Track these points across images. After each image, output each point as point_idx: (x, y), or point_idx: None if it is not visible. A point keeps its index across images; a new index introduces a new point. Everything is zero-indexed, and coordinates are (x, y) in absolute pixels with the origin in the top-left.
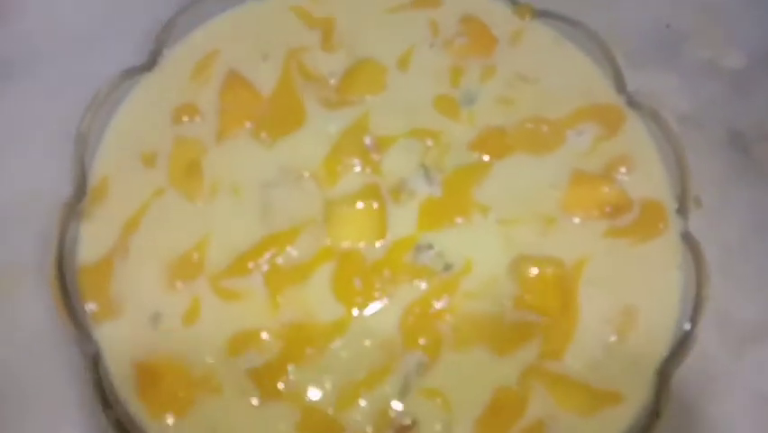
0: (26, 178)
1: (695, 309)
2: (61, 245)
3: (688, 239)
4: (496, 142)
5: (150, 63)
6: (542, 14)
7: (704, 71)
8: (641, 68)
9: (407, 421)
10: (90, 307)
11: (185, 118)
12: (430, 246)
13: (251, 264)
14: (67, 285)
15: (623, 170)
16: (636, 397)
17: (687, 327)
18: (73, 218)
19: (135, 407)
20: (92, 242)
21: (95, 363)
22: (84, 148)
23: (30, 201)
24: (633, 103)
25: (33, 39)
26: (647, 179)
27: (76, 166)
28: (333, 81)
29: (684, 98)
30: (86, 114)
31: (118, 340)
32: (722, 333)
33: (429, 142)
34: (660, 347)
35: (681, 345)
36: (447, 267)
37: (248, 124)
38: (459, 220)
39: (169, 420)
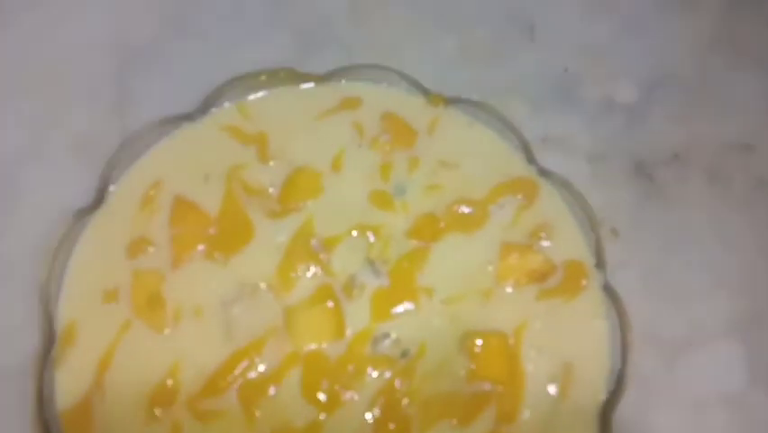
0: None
1: (623, 353)
2: (40, 398)
3: (608, 290)
4: (429, 227)
5: (97, 202)
6: (453, 101)
7: (602, 108)
8: (546, 112)
9: None
10: None
11: (139, 251)
12: (387, 335)
13: (223, 383)
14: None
15: (543, 235)
16: None
17: (617, 369)
18: (47, 368)
19: None
20: (68, 387)
21: None
22: (47, 298)
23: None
24: (543, 172)
25: None
26: (566, 241)
27: (41, 316)
28: (273, 191)
29: (588, 136)
30: (45, 261)
31: None
32: (652, 349)
33: (371, 237)
34: (599, 392)
35: (616, 387)
36: (404, 353)
37: (200, 247)
38: (408, 306)
39: None
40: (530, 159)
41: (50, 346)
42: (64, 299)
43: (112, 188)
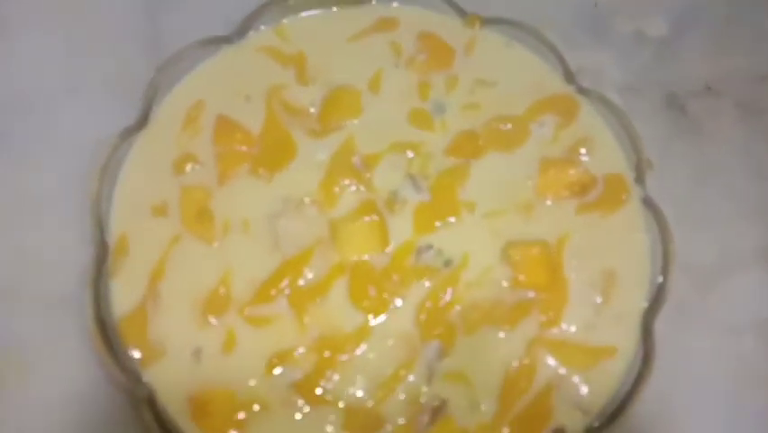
0: (44, 248)
1: (664, 264)
2: (97, 303)
3: (648, 203)
4: (469, 144)
5: (141, 123)
6: (490, 22)
7: (633, 42)
8: (579, 48)
9: (437, 403)
10: (135, 354)
11: (186, 168)
12: (429, 247)
13: (273, 291)
14: (108, 337)
15: (583, 151)
16: (627, 347)
17: (660, 279)
18: (101, 277)
19: None
20: (123, 295)
21: (150, 403)
22: (99, 209)
23: (57, 270)
24: (582, 90)
25: (7, 115)
26: (605, 156)
27: (95, 228)
28: (313, 111)
29: (620, 70)
30: (95, 177)
31: (166, 379)
32: (688, 277)
33: (411, 153)
34: (640, 301)
35: (658, 295)
36: (447, 263)
37: (245, 164)
38: (450, 219)
39: None
40: (568, 78)
41: (104, 259)
42: (115, 213)
43: (155, 108)
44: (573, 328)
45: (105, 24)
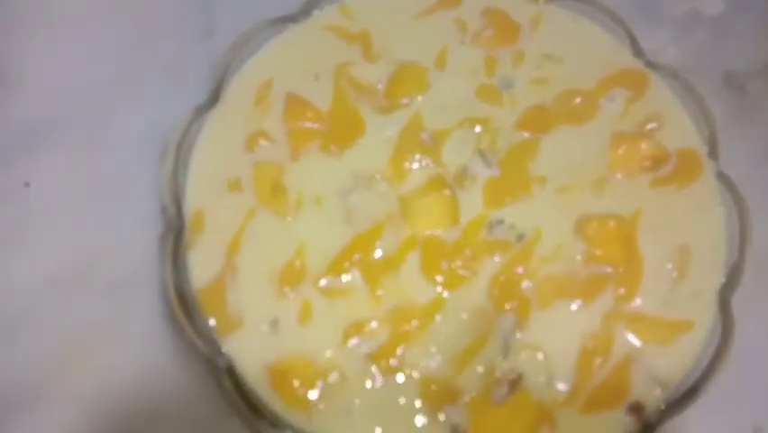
0: (116, 232)
1: (741, 239)
2: (176, 275)
3: (722, 178)
4: (539, 118)
5: (212, 99)
6: None
7: (689, 22)
8: (634, 27)
9: (514, 376)
10: (213, 324)
11: (258, 144)
12: (501, 221)
13: (346, 264)
14: (188, 309)
15: (655, 125)
16: (705, 322)
17: (735, 255)
18: (179, 250)
19: (276, 405)
20: (201, 268)
21: (229, 373)
22: (175, 186)
23: (126, 253)
24: (651, 64)
25: (73, 103)
26: (677, 130)
27: (171, 203)
28: (381, 87)
29: (677, 50)
30: (169, 153)
31: (245, 349)
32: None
33: (479, 129)
34: (717, 276)
35: (735, 270)
36: (520, 237)
37: (316, 140)
38: (521, 194)
39: (309, 411)
40: (637, 52)
41: (179, 233)
42: (190, 188)
43: (225, 86)
44: (649, 303)
45: (160, 12)
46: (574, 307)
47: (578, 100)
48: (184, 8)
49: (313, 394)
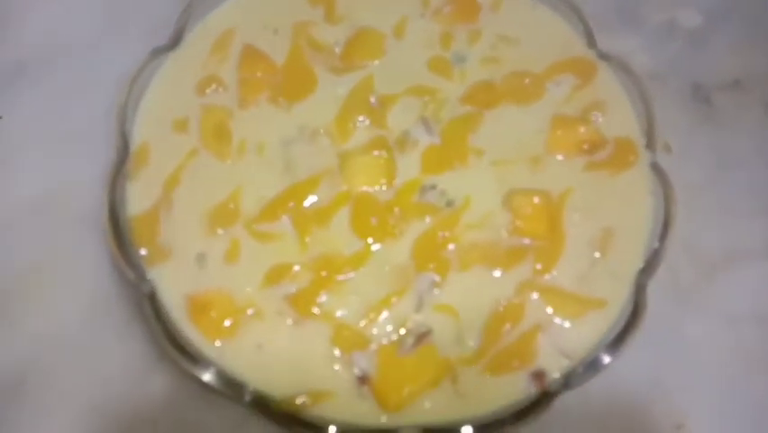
0: (74, 155)
1: (664, 228)
2: (113, 202)
3: (656, 169)
4: (485, 95)
5: (173, 43)
6: None
7: (665, 31)
8: (609, 31)
9: (423, 330)
10: (143, 252)
11: (209, 89)
12: (433, 187)
13: (279, 210)
14: (121, 236)
15: (597, 113)
16: (617, 302)
17: (657, 243)
18: (119, 180)
19: (190, 332)
20: (139, 198)
21: (151, 299)
22: (123, 119)
23: (84, 177)
24: (602, 56)
25: (52, 46)
26: (618, 120)
27: (118, 135)
28: (337, 50)
29: (649, 57)
30: (123, 88)
31: (169, 279)
32: (692, 261)
33: (427, 99)
34: (636, 261)
35: (654, 258)
36: (449, 203)
37: (266, 92)
38: (457, 163)
39: (220, 341)
40: (591, 43)
41: (123, 162)
42: (139, 122)
43: (187, 32)
44: (566, 278)
45: None
46: (492, 273)
47: (526, 81)
48: None
49: (227, 323)
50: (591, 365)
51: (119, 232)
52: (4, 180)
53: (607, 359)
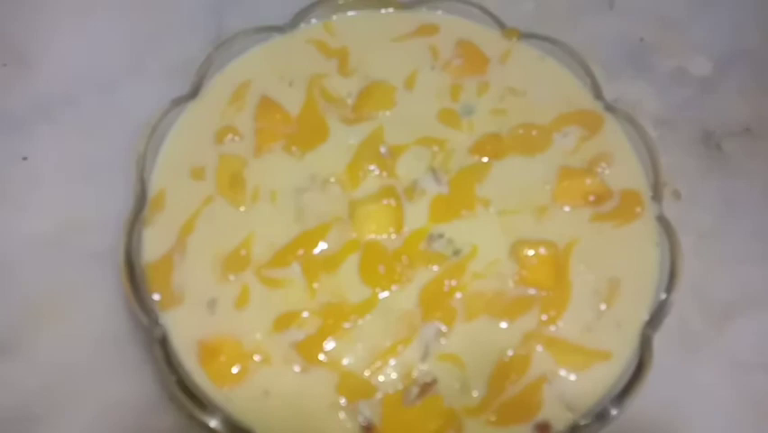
0: (91, 193)
1: (670, 279)
2: (129, 248)
3: (662, 221)
4: (493, 145)
5: (192, 93)
6: (527, 36)
7: (675, 78)
8: (619, 78)
9: (429, 380)
10: (156, 297)
11: (226, 138)
12: (441, 235)
13: (289, 257)
14: (136, 279)
15: (603, 165)
16: (623, 355)
17: (663, 295)
18: (137, 225)
19: (199, 377)
20: (154, 243)
21: (162, 343)
22: (143, 166)
23: (101, 216)
24: (609, 108)
25: (77, 87)
26: (625, 172)
27: (136, 182)
28: (350, 101)
29: (659, 104)
30: (143, 137)
31: (181, 323)
32: (701, 309)
33: (435, 149)
34: (642, 313)
35: (660, 310)
36: (456, 252)
37: (281, 141)
38: (464, 213)
39: (228, 387)
40: (598, 95)
41: (141, 208)
42: (157, 170)
43: (206, 82)
44: (572, 329)
45: (172, 13)
46: (499, 324)
47: (533, 132)
48: (196, 12)
49: (235, 369)
50: (597, 418)
51: (134, 277)
52: (21, 215)
53: (613, 411)
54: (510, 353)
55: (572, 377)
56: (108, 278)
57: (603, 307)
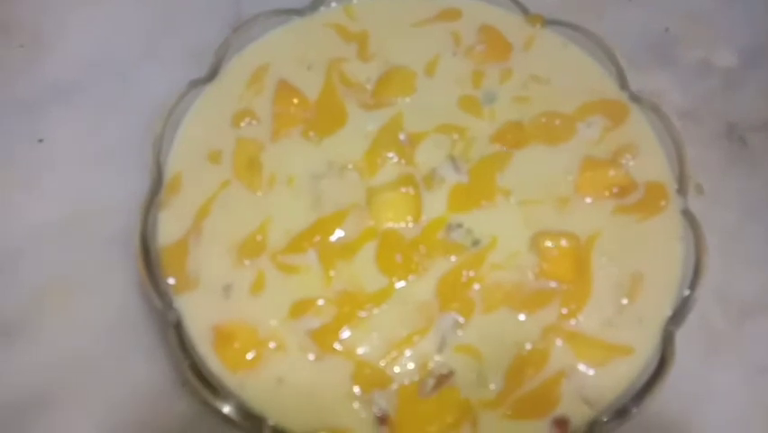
0: (107, 177)
1: (695, 275)
2: (144, 230)
3: (687, 215)
4: (515, 134)
5: (210, 75)
6: (551, 22)
7: (699, 70)
8: (642, 69)
9: (445, 371)
10: (171, 281)
11: (244, 122)
12: (460, 225)
13: (305, 243)
14: (151, 263)
15: (628, 156)
16: (644, 350)
17: (687, 291)
18: (153, 208)
19: (213, 363)
20: (170, 227)
21: (177, 327)
22: (159, 149)
23: (116, 199)
24: (634, 98)
25: (92, 70)
26: (650, 163)
27: (153, 164)
28: (369, 86)
29: (683, 95)
30: (160, 119)
31: (196, 308)
32: (722, 308)
33: (456, 137)
34: (664, 308)
35: (683, 306)
36: (475, 243)
37: (298, 126)
38: (484, 203)
39: (242, 373)
40: (623, 84)
41: (157, 191)
42: (174, 152)
43: (224, 65)
44: (593, 323)
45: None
46: (518, 316)
47: (556, 121)
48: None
49: (250, 356)
50: (617, 414)
51: (149, 260)
52: (37, 198)
53: (633, 409)
54: (529, 346)
55: (592, 372)
56: (123, 261)
57: (625, 301)
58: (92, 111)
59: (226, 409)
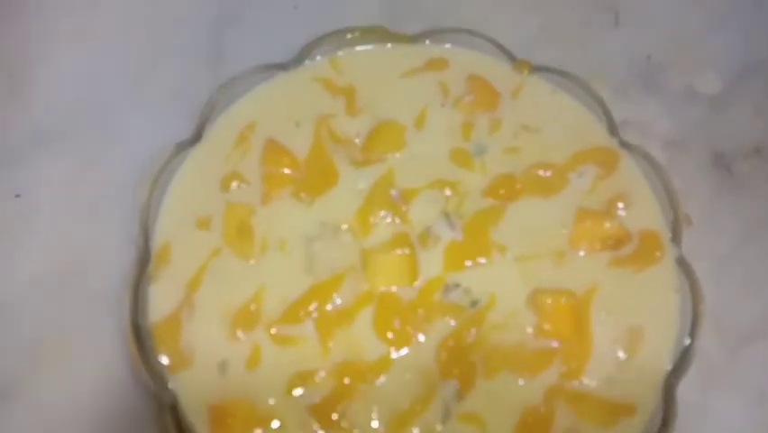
0: (92, 237)
1: (693, 325)
2: (135, 307)
3: (682, 264)
4: (507, 187)
5: (196, 137)
6: (538, 69)
7: (684, 97)
8: (627, 98)
9: None
10: (164, 360)
11: (233, 185)
12: (457, 285)
13: (301, 313)
14: (142, 340)
15: (621, 205)
16: (647, 407)
17: (687, 341)
18: (142, 281)
19: None
20: (160, 301)
21: (172, 408)
22: (147, 217)
23: (99, 269)
24: (624, 144)
25: (73, 117)
26: (643, 212)
27: (140, 234)
28: (358, 142)
29: (668, 124)
30: (145, 187)
31: (191, 387)
32: (719, 337)
33: (448, 192)
34: (665, 361)
35: (684, 357)
36: (473, 303)
37: (289, 187)
38: (481, 260)
39: None
40: (612, 130)
41: (146, 264)
42: (161, 221)
43: (208, 125)
44: (594, 382)
45: (171, 40)
46: (519, 380)
47: (547, 173)
48: (195, 38)
49: None
50: None
51: (141, 338)
52: (19, 256)
53: None
54: (532, 410)
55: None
56: (111, 326)
57: (625, 356)
58: (72, 162)
59: None
